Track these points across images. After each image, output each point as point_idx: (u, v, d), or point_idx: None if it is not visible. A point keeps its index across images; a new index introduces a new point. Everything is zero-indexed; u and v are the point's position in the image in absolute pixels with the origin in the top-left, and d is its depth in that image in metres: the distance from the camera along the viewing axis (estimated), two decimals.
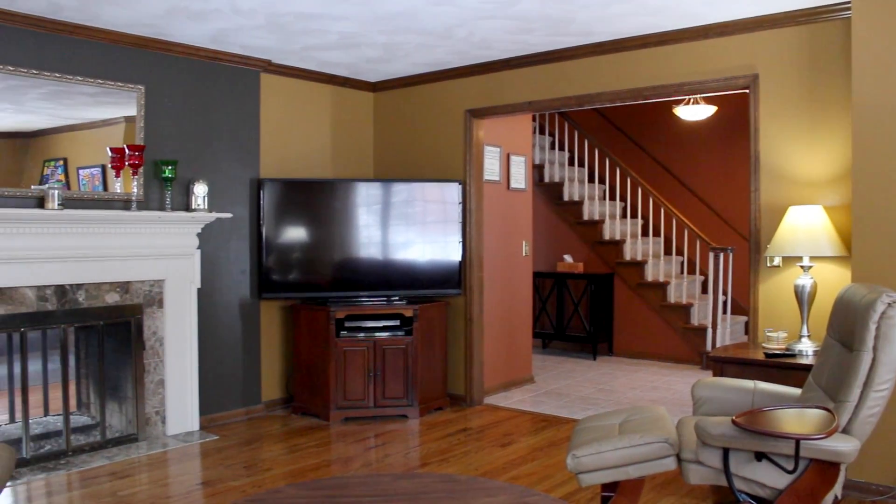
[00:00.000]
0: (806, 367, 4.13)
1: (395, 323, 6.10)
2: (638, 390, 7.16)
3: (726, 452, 3.18)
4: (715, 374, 4.53)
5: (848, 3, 4.49)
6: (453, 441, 5.50)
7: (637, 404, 6.44)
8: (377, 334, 6.03)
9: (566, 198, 9.33)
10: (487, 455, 5.16)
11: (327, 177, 6.74)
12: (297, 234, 6.22)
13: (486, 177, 6.72)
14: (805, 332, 4.54)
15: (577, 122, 9.66)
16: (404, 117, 6.93)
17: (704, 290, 9.12)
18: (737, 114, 8.27)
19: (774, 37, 4.92)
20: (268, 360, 6.35)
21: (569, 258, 9.24)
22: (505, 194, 7.08)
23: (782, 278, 4.89)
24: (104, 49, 5.25)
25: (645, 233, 9.50)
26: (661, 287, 8.70)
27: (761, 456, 3.12)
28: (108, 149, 5.23)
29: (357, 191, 6.28)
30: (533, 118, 7.89)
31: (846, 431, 3.09)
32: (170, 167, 5.43)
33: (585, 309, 8.86)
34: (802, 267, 4.57)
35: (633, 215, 9.55)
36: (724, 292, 8.00)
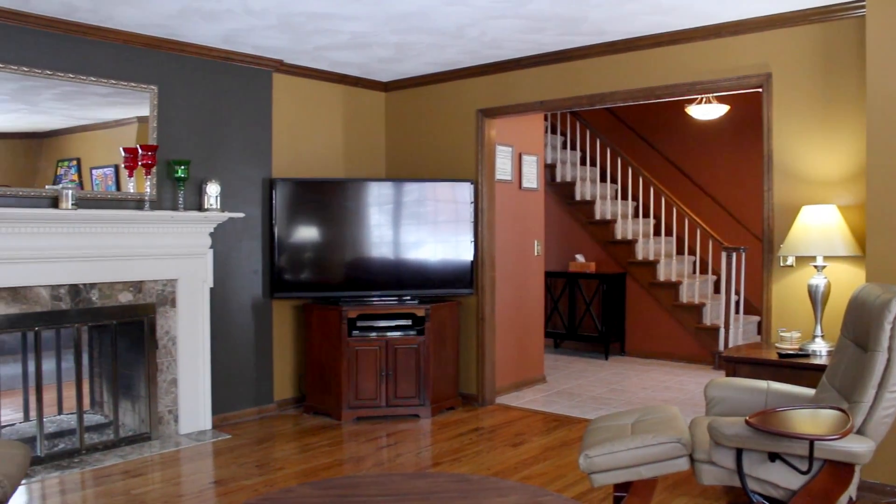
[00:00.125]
0: (820, 368, 4.11)
1: (407, 322, 6.11)
2: (650, 390, 7.14)
3: (739, 453, 3.17)
4: (728, 374, 4.52)
5: (862, 1, 4.46)
6: (465, 441, 5.50)
7: (649, 404, 6.42)
8: (389, 334, 6.04)
9: (578, 197, 9.31)
10: (499, 455, 5.16)
11: (339, 176, 6.75)
12: (309, 233, 6.23)
13: (498, 176, 6.72)
14: (819, 332, 4.52)
15: (589, 121, 9.64)
16: (416, 117, 6.94)
17: (717, 290, 9.08)
18: (749, 113, 8.22)
19: (788, 35, 4.89)
20: (280, 360, 6.37)
21: (581, 258, 9.22)
22: (517, 194, 7.07)
23: (796, 278, 4.86)
24: (117, 50, 5.27)
25: (657, 232, 9.47)
26: (673, 287, 8.67)
27: (775, 456, 3.10)
28: (121, 149, 5.25)
29: (369, 190, 6.29)
30: (545, 118, 7.88)
31: (861, 432, 3.07)
32: (182, 167, 5.45)
33: (597, 308, 8.84)
34: (816, 267, 4.54)
35: (646, 215, 9.52)
36: (737, 292, 7.97)
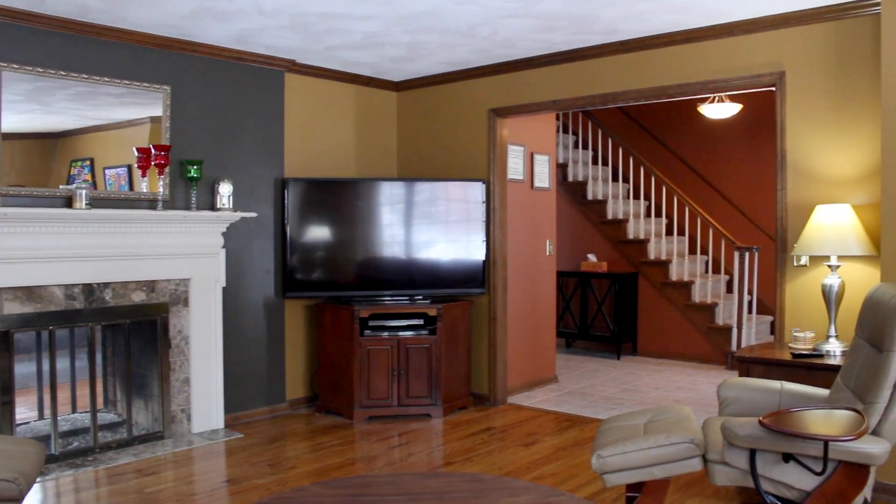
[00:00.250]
0: (834, 368, 4.08)
1: (419, 322, 6.11)
2: (662, 390, 7.12)
3: (753, 453, 3.15)
4: (741, 375, 4.50)
5: None
6: (477, 440, 5.49)
7: (662, 404, 6.41)
8: (401, 333, 6.04)
9: (590, 197, 9.29)
10: (511, 455, 5.16)
11: (351, 176, 6.75)
12: (321, 233, 6.24)
13: (510, 176, 6.71)
14: (833, 332, 4.49)
15: (601, 120, 9.62)
16: (428, 116, 6.94)
17: (729, 290, 9.05)
18: (762, 112, 8.19)
19: (801, 34, 4.87)
20: (292, 359, 6.38)
21: (592, 257, 9.20)
22: (529, 193, 7.07)
23: (809, 278, 4.84)
24: (130, 50, 5.30)
25: (669, 232, 9.44)
26: (685, 286, 8.65)
27: (789, 457, 3.09)
28: (134, 149, 5.28)
29: (381, 190, 6.29)
30: (556, 117, 7.87)
31: (876, 433, 3.05)
32: (195, 167, 5.47)
33: (609, 308, 8.83)
34: (830, 266, 4.52)
35: (658, 214, 9.49)
36: (750, 292, 7.94)
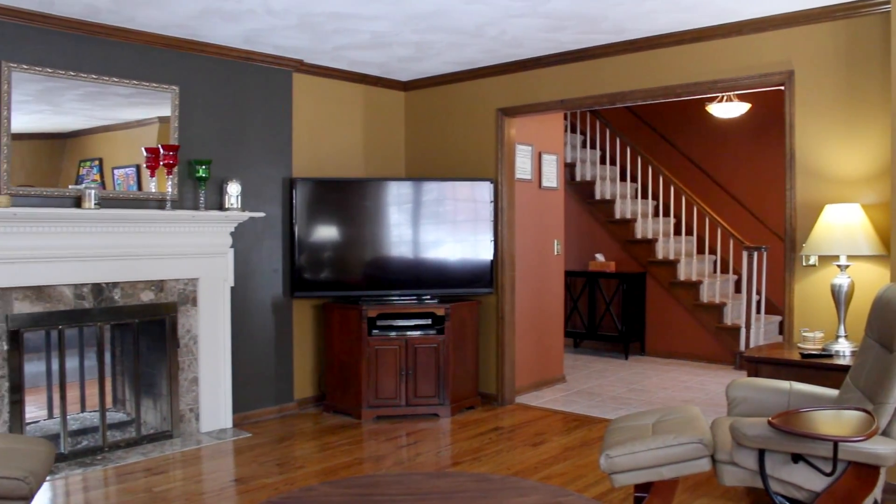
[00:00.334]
0: (843, 368, 4.07)
1: (427, 322, 6.11)
2: (670, 390, 7.11)
3: (762, 454, 3.14)
4: (749, 375, 4.48)
5: None
6: (485, 440, 5.49)
7: (670, 404, 6.40)
8: (409, 333, 6.04)
9: (598, 196, 9.28)
10: (519, 454, 5.15)
11: (359, 176, 6.76)
12: (329, 232, 6.25)
13: (518, 175, 6.70)
14: (842, 332, 4.47)
15: (609, 120, 9.60)
16: (436, 116, 6.94)
17: (738, 290, 9.02)
18: (771, 111, 8.17)
19: (811, 32, 4.85)
20: (300, 359, 6.39)
21: (600, 257, 9.19)
22: (536, 193, 7.06)
23: (818, 277, 4.82)
24: (139, 50, 5.31)
25: (677, 231, 9.42)
26: (693, 286, 8.63)
27: (798, 458, 3.08)
28: (143, 149, 5.29)
29: (388, 190, 6.30)
30: (564, 116, 7.86)
31: (886, 434, 3.04)
32: (203, 167, 5.48)
33: (617, 308, 8.81)
34: (839, 266, 4.50)
35: (666, 214, 9.46)
36: (758, 291, 7.92)
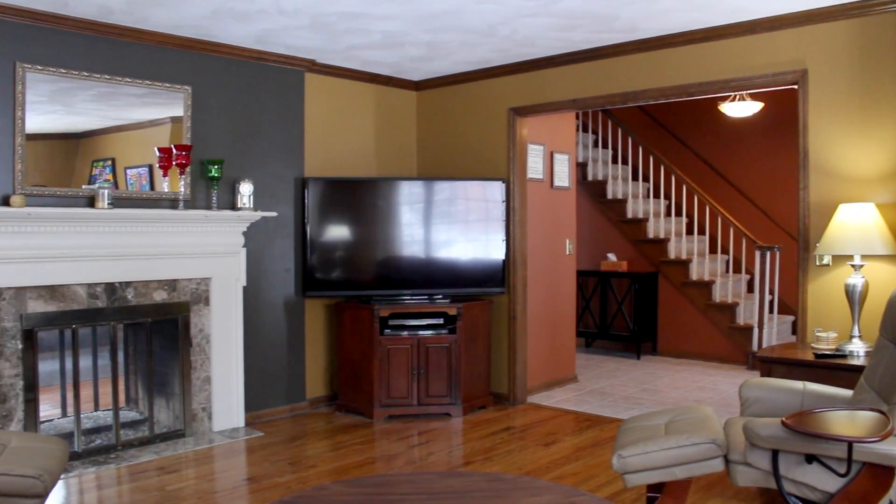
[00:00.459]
0: (857, 369, 4.05)
1: (439, 321, 6.11)
2: (683, 390, 7.08)
3: (775, 454, 3.13)
4: (763, 375, 4.47)
5: None
6: (497, 440, 5.49)
7: (682, 404, 6.38)
8: (421, 332, 6.04)
9: (610, 196, 9.26)
10: (531, 454, 5.15)
11: (371, 175, 6.77)
12: (341, 232, 6.26)
13: (530, 175, 6.70)
14: (856, 332, 4.45)
15: (621, 119, 9.58)
16: (447, 116, 6.94)
17: (750, 290, 8.99)
18: (784, 110, 8.12)
19: (824, 31, 4.82)
20: (312, 358, 6.41)
21: (612, 257, 9.17)
22: (548, 192, 7.05)
23: (832, 277, 4.80)
24: (151, 51, 5.33)
25: (689, 231, 9.39)
26: (706, 286, 8.60)
27: (812, 458, 3.06)
28: (155, 148, 5.31)
29: (400, 189, 6.30)
30: (576, 116, 7.84)
31: None
32: (216, 166, 5.50)
33: (629, 308, 8.79)
34: (853, 266, 4.48)
35: (678, 213, 9.43)
36: (771, 291, 7.88)
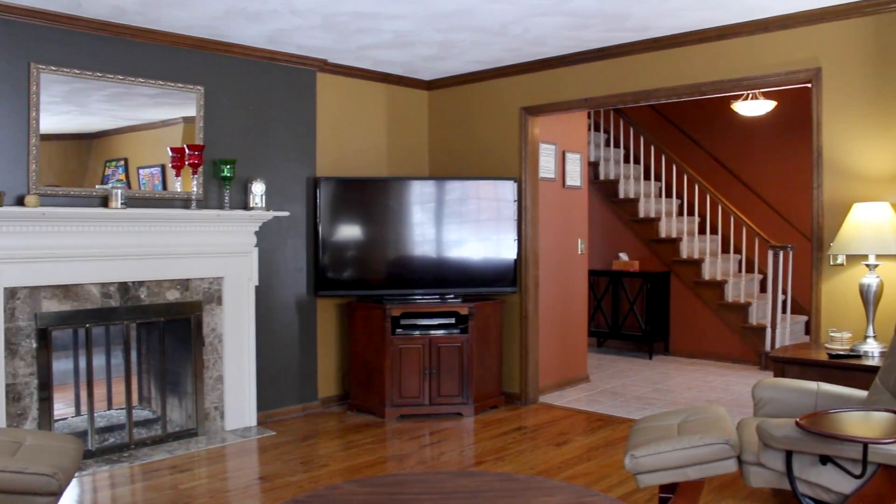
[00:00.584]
0: (872, 369, 4.02)
1: (451, 321, 6.11)
2: (695, 390, 7.06)
3: (789, 455, 3.12)
4: (776, 375, 4.45)
5: None
6: (508, 440, 5.48)
7: (695, 404, 6.36)
8: (432, 332, 6.04)
9: (622, 195, 9.23)
10: (543, 454, 5.14)
11: (382, 175, 6.77)
12: (353, 232, 6.27)
13: (542, 174, 6.68)
14: (871, 332, 4.42)
15: (632, 118, 9.55)
16: (459, 115, 6.93)
17: (763, 289, 8.94)
18: (797, 109, 8.08)
19: (838, 29, 4.79)
20: (324, 357, 6.42)
21: (624, 256, 9.15)
22: (560, 192, 7.04)
23: (846, 277, 4.77)
24: (164, 51, 5.35)
25: (702, 230, 9.35)
26: (718, 286, 8.56)
27: (826, 459, 3.05)
28: (168, 148, 5.33)
29: (412, 189, 6.30)
30: (588, 115, 7.83)
31: None
32: (228, 166, 5.52)
33: (641, 307, 8.76)
34: (868, 265, 4.45)
35: (690, 213, 9.40)
36: (784, 291, 7.84)
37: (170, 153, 5.33)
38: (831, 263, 4.84)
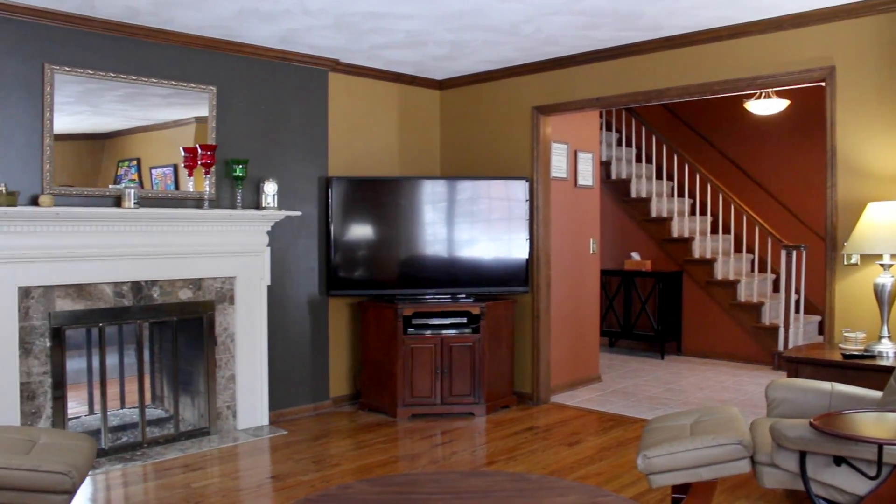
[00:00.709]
0: (886, 369, 4.00)
1: (462, 320, 6.11)
2: (708, 390, 7.03)
3: (803, 456, 3.10)
4: (789, 375, 4.42)
5: None
6: (520, 439, 5.48)
7: (707, 405, 6.33)
8: (444, 332, 6.04)
9: (634, 195, 9.21)
10: (555, 454, 5.13)
11: (394, 175, 6.78)
12: (365, 231, 6.27)
13: (554, 174, 6.67)
14: (885, 332, 4.39)
15: (644, 117, 9.53)
16: (471, 115, 6.93)
17: (776, 289, 8.90)
18: (810, 107, 8.04)
19: (852, 27, 4.76)
20: (336, 357, 6.43)
21: (636, 256, 9.12)
22: (572, 191, 7.02)
23: (860, 277, 4.74)
24: (177, 51, 5.37)
25: (714, 230, 9.32)
26: (730, 285, 8.53)
27: (840, 460, 3.03)
28: (181, 148, 5.35)
29: (424, 188, 6.30)
30: (600, 114, 7.81)
31: None
32: (240, 166, 5.53)
33: (653, 307, 8.74)
34: (882, 265, 4.42)
35: (703, 212, 9.36)
36: (797, 291, 7.81)
37: (182, 153, 5.34)
38: (845, 263, 4.81)
